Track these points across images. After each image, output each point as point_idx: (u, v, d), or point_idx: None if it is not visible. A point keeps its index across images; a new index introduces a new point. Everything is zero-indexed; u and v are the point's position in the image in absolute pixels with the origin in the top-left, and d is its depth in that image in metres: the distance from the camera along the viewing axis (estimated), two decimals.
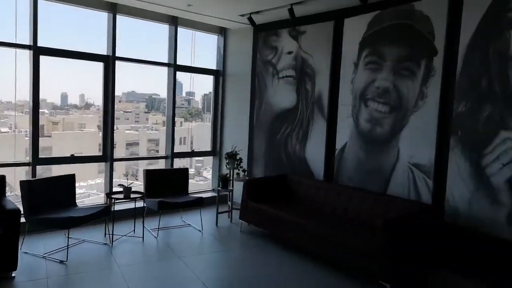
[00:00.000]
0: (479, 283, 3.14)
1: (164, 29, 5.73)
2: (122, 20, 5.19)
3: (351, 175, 4.56)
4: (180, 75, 5.94)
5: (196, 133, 6.59)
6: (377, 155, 4.27)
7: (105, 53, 5.14)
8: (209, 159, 6.60)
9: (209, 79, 6.40)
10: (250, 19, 5.15)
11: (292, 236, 4.08)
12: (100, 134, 5.26)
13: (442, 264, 3.59)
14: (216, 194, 5.88)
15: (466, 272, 3.42)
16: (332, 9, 4.77)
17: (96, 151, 5.32)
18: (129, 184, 4.44)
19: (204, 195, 5.91)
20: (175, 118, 5.84)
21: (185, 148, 6.24)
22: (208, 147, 6.45)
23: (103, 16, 5.12)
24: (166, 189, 4.97)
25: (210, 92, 6.55)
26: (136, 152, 6.09)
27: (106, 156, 5.19)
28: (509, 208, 3.15)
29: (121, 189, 4.41)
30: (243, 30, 5.91)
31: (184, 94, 6.67)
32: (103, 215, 4.13)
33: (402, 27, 4.00)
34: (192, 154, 6.29)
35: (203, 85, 6.52)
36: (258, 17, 5.20)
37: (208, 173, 6.78)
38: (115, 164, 5.28)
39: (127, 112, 6.12)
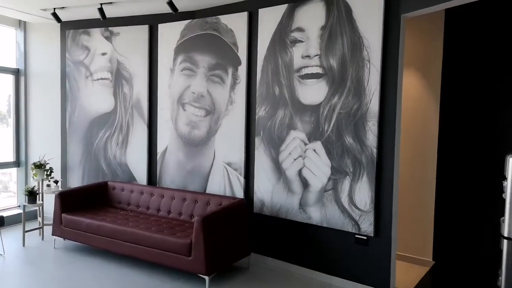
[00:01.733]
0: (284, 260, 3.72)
1: None
2: None
3: (173, 178, 4.69)
4: None
5: None
6: (196, 156, 4.52)
7: None
8: (15, 171, 5.73)
9: (8, 79, 5.54)
10: (54, 14, 4.68)
11: (112, 245, 3.94)
12: None
13: (252, 250, 4.09)
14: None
15: (271, 252, 3.99)
16: (147, 14, 4.79)
17: None
18: None
19: (8, 213, 5.11)
20: None
21: None
22: (10, 157, 5.58)
23: None
24: None
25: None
26: None
27: None
28: (300, 196, 3.81)
29: None
30: (47, 25, 5.32)
31: None
32: None
33: (211, 38, 4.33)
34: None
35: (5, 85, 5.58)
36: (65, 13, 4.78)
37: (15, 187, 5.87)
38: None
39: None
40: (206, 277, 3.39)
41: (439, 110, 3.98)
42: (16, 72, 5.56)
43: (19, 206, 5.63)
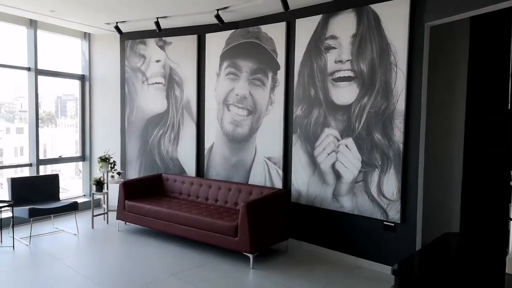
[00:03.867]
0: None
1: (20, 31, 5.51)
2: None
3: (218, 170, 5.26)
4: (19, 76, 5.66)
5: (52, 139, 6.39)
6: (239, 151, 5.05)
7: None
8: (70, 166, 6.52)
9: (63, 81, 6.24)
10: (116, 27, 5.39)
11: (168, 227, 4.55)
12: None
13: (289, 235, 4.56)
14: (88, 199, 5.95)
15: (306, 238, 4.45)
16: (195, 24, 5.38)
17: None
18: None
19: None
20: (24, 124, 5.65)
21: (24, 159, 5.88)
22: (71, 153, 6.39)
23: None
24: (36, 197, 4.88)
25: (65, 95, 6.44)
26: None
27: None
28: (333, 187, 4.24)
29: None
30: (108, 36, 6.06)
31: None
32: None
33: (252, 45, 4.85)
34: (59, 160, 6.15)
35: (56, 88, 6.31)
36: (124, 26, 5.46)
37: (72, 180, 6.67)
38: None
39: None
40: (250, 255, 3.91)
41: (465, 108, 4.27)
42: (82, 78, 6.35)
43: (84, 195, 6.42)
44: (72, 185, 6.61)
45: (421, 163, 3.70)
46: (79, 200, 6.00)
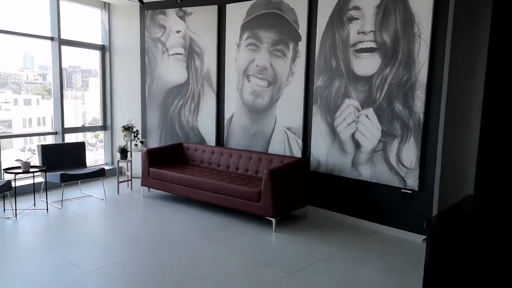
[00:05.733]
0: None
1: (43, 1, 5.58)
2: None
3: (238, 140, 5.41)
4: (31, 45, 5.71)
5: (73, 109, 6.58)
6: (259, 122, 5.18)
7: None
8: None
9: (73, 50, 6.20)
10: None
11: (192, 193, 4.76)
12: None
13: (309, 201, 4.74)
14: (111, 167, 6.18)
15: (325, 205, 4.63)
16: None
17: None
18: (27, 159, 4.48)
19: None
20: (30, 96, 5.75)
21: (47, 128, 5.90)
22: (99, 122, 6.57)
23: None
24: (64, 163, 5.10)
25: (70, 66, 6.19)
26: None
27: None
28: (352, 156, 4.38)
29: (19, 165, 4.43)
30: (128, 6, 6.11)
31: (37, 68, 6.02)
32: (3, 191, 4.15)
33: (274, 16, 4.88)
34: (83, 129, 6.34)
35: (66, 57, 6.26)
36: None
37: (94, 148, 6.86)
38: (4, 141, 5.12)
39: None
40: (273, 219, 4.11)
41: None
42: (102, 48, 6.45)
43: (106, 163, 6.65)
44: (89, 156, 6.77)
45: (441, 133, 3.81)
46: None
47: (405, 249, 3.75)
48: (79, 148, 5.33)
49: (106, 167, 6.41)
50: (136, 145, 5.59)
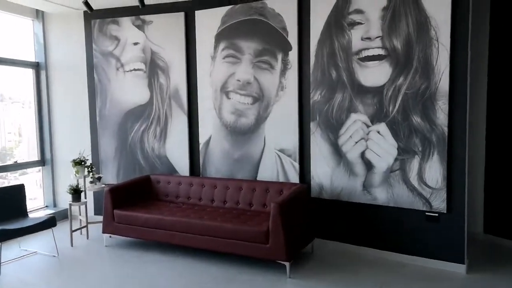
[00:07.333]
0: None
1: None
2: None
3: (218, 167, 4.62)
4: None
5: None
6: (244, 144, 4.45)
7: None
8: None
9: (27, 73, 5.23)
10: (86, 3, 4.45)
11: (175, 238, 3.85)
12: None
13: (316, 234, 4.10)
14: (55, 210, 5.01)
15: (333, 236, 4.02)
16: (182, 0, 4.64)
17: None
18: None
19: (37, 215, 4.88)
20: None
21: None
22: (34, 156, 5.33)
23: None
24: None
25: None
26: None
27: None
28: (363, 178, 3.84)
29: None
30: (67, 14, 5.06)
31: None
32: None
33: (256, 23, 4.25)
34: (13, 167, 5.05)
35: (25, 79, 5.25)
36: (91, 2, 4.54)
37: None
38: None
39: None
40: (287, 263, 3.38)
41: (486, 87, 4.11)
42: (36, 66, 5.28)
43: (46, 206, 5.39)
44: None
45: (468, 146, 3.42)
46: (43, 213, 5.00)
47: (455, 283, 3.24)
48: (17, 192, 4.11)
49: (48, 211, 5.17)
50: (91, 182, 4.51)
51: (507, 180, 4.05)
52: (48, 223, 3.81)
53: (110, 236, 4.33)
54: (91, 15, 4.89)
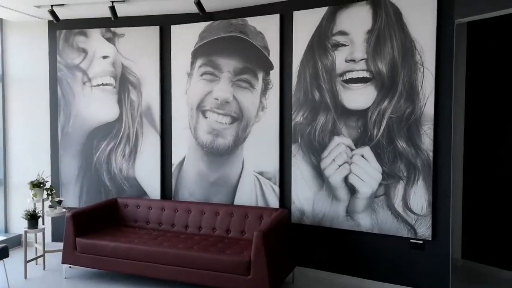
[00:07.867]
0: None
1: None
2: None
3: (192, 190, 4.34)
4: None
5: None
6: (221, 166, 4.22)
7: None
8: None
9: None
10: (52, 12, 4.13)
11: (147, 269, 3.50)
12: None
13: (297, 262, 3.90)
14: (7, 236, 4.50)
15: (313, 264, 3.84)
16: (155, 14, 4.41)
17: None
18: None
19: None
20: None
21: None
22: None
23: None
24: None
25: None
26: None
27: None
28: (346, 203, 3.70)
29: None
30: (29, 23, 4.69)
31: None
32: None
33: (236, 40, 4.09)
34: None
35: None
36: (59, 11, 4.22)
37: None
38: None
39: None
40: None
41: (464, 113, 4.15)
42: None
43: None
44: None
45: (454, 172, 3.38)
46: None
47: None
48: None
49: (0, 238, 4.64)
50: (51, 206, 4.07)
51: (485, 205, 4.06)
52: (1, 254, 3.35)
53: (70, 267, 3.90)
54: (57, 25, 4.53)
